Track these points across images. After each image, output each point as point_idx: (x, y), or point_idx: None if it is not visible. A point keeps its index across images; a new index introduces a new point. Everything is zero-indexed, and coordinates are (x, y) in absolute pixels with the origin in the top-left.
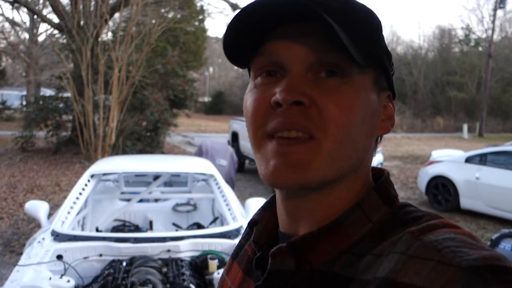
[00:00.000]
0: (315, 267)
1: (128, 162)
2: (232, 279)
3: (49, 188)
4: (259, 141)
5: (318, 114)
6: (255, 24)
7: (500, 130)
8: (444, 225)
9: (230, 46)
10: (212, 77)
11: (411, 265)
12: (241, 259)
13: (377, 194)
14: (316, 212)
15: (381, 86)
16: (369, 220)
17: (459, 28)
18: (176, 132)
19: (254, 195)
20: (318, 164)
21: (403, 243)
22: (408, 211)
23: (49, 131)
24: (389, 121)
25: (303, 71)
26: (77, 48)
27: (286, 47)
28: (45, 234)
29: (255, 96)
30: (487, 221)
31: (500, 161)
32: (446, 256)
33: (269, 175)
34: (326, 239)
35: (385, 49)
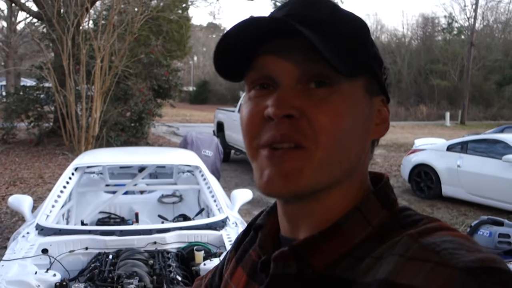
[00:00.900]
0: (317, 270)
1: (113, 155)
2: (237, 283)
3: (32, 180)
4: (254, 151)
5: (308, 125)
6: (243, 42)
7: (482, 118)
8: (442, 228)
9: (221, 64)
10: (197, 66)
11: (409, 266)
12: (245, 263)
13: (376, 198)
14: (314, 216)
15: (373, 92)
16: (369, 223)
17: (442, 17)
18: (160, 122)
19: (240, 185)
20: (309, 172)
21: (402, 245)
22: (407, 214)
23: (31, 122)
24: (383, 124)
25: (292, 83)
26: (58, 37)
27: (275, 61)
28: (30, 228)
29: (249, 109)
30: (468, 208)
31: (480, 149)
32: (443, 257)
33: (263, 185)
34: (327, 242)
35: (374, 55)
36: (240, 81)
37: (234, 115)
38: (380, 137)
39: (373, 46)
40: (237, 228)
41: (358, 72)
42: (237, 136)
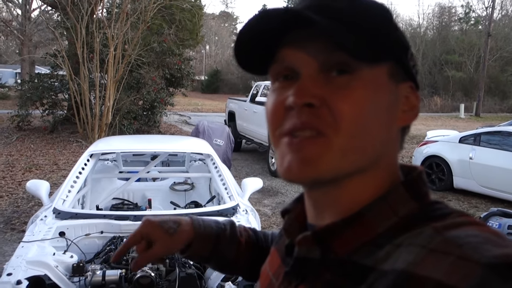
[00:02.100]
0: (338, 256)
1: (127, 142)
2: (271, 265)
3: (47, 167)
4: (277, 140)
5: (329, 112)
6: (262, 35)
7: (498, 110)
8: (470, 223)
9: (243, 58)
10: (209, 55)
11: (430, 258)
12: (279, 247)
13: (405, 189)
14: (337, 203)
15: (399, 78)
16: (395, 213)
17: (459, 6)
18: (172, 111)
19: (250, 174)
20: (330, 158)
21: (425, 237)
22: (437, 208)
23: (45, 110)
24: (411, 111)
25: (313, 73)
26: (72, 25)
27: (295, 52)
28: (47, 212)
29: (273, 100)
30: (479, 200)
31: (493, 141)
32: (466, 252)
33: (283, 171)
34: (350, 229)
35: (397, 40)
36: (265, 74)
37: (246, 104)
38: (408, 124)
39: (397, 31)
40: (247, 216)
41: (380, 58)
42: (248, 126)
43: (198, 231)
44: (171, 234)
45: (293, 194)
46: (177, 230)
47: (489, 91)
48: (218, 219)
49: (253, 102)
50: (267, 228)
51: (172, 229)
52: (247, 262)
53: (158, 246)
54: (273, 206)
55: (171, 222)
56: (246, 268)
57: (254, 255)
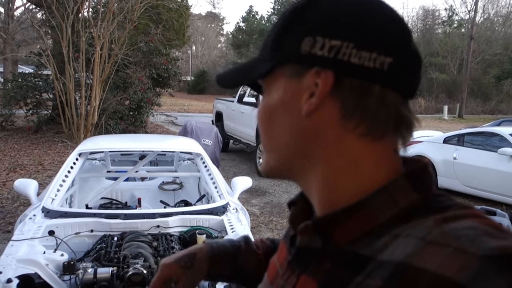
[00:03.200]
0: (338, 245)
1: (115, 141)
2: (279, 256)
3: (32, 167)
4: None
5: None
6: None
7: (480, 112)
8: (470, 215)
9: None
10: (195, 56)
11: (427, 250)
12: (286, 239)
13: (407, 181)
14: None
15: (301, 71)
16: (395, 204)
17: (443, 9)
18: (159, 111)
19: (238, 174)
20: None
21: (424, 228)
22: (440, 200)
23: (29, 110)
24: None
25: None
26: (57, 24)
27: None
28: (36, 211)
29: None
30: (463, 200)
31: (476, 141)
32: (463, 243)
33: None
34: (350, 219)
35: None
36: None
37: (233, 105)
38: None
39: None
40: (237, 214)
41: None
42: (235, 126)
43: (213, 255)
44: (189, 268)
45: (281, 194)
46: (194, 262)
47: (472, 93)
48: (232, 238)
49: (240, 103)
50: (255, 227)
51: (189, 263)
52: None
53: (181, 284)
54: (261, 205)
55: (186, 257)
56: None
57: None
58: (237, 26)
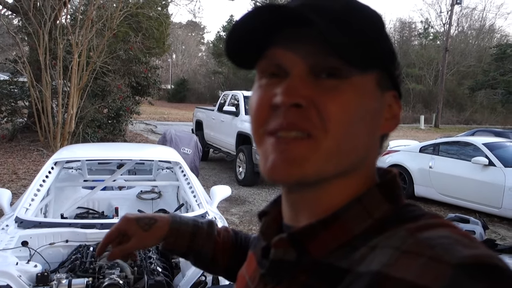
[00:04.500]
0: (314, 258)
1: (92, 150)
2: (248, 268)
3: (5, 176)
4: (261, 138)
5: (317, 114)
6: (256, 30)
7: (455, 122)
8: (442, 224)
9: (233, 51)
10: (175, 64)
11: (403, 260)
12: (257, 251)
13: (380, 192)
14: (315, 205)
15: (385, 86)
16: (370, 215)
17: (419, 22)
18: (138, 120)
19: (218, 183)
20: (315, 160)
21: (398, 238)
22: (410, 210)
23: (4, 118)
24: (393, 120)
25: (303, 74)
26: (34, 31)
27: (286, 51)
28: (9, 221)
29: (258, 96)
30: (438, 208)
31: (451, 151)
32: (438, 252)
33: (267, 171)
34: (326, 231)
35: (388, 49)
36: (251, 69)
37: (213, 114)
38: (389, 132)
39: (387, 40)
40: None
41: (371, 66)
42: (215, 135)
43: (174, 227)
44: (145, 230)
45: (261, 203)
46: (152, 226)
47: (447, 104)
48: (197, 218)
49: (220, 112)
50: None
51: (147, 225)
52: (226, 262)
53: (133, 241)
54: (241, 214)
55: (147, 219)
56: (226, 268)
57: (234, 256)
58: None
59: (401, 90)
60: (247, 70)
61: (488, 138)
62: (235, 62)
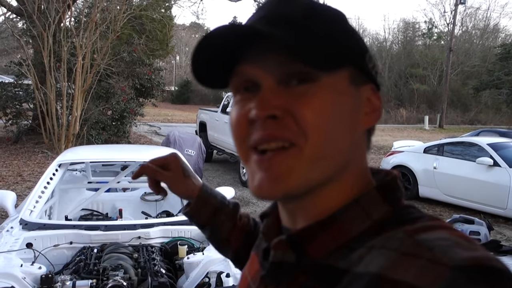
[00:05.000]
0: (314, 259)
1: (96, 152)
2: (250, 269)
3: (11, 178)
4: (245, 154)
5: (293, 121)
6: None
7: (460, 122)
8: (440, 226)
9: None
10: (179, 66)
11: (402, 262)
12: (259, 251)
13: (378, 193)
14: (311, 210)
15: (359, 81)
16: (369, 217)
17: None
18: (142, 121)
19: (221, 184)
20: (300, 170)
21: (396, 240)
22: (409, 212)
23: (9, 120)
24: (374, 113)
25: (273, 84)
26: (38, 34)
27: (254, 65)
28: (13, 223)
29: (236, 113)
30: (443, 208)
31: (456, 151)
32: (436, 254)
33: (254, 190)
34: (324, 233)
35: (355, 44)
36: (224, 88)
37: (217, 115)
38: (372, 126)
39: (354, 36)
40: None
41: (338, 65)
42: (219, 136)
43: (202, 195)
44: (184, 176)
45: (264, 204)
46: (189, 178)
47: (452, 104)
48: (225, 196)
49: (224, 113)
50: None
51: (187, 173)
52: (238, 246)
53: (169, 174)
54: None
55: (189, 171)
56: (236, 251)
57: (247, 242)
58: None
59: (377, 82)
60: (218, 89)
61: (492, 139)
62: (207, 85)
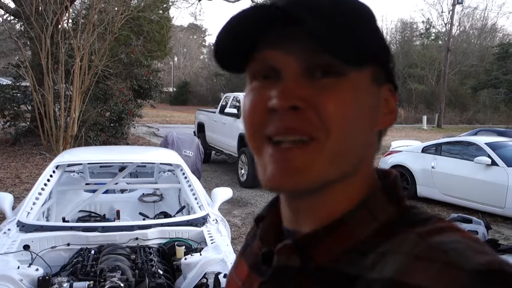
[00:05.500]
0: (319, 264)
1: (94, 153)
2: (239, 274)
3: (8, 180)
4: (258, 144)
5: (315, 115)
6: (245, 32)
7: (458, 121)
8: (451, 228)
9: (222, 55)
10: (177, 67)
11: (416, 265)
12: (247, 255)
13: (384, 194)
14: (319, 210)
15: (380, 81)
16: (375, 219)
17: (420, 22)
18: (140, 123)
19: (220, 185)
20: (319, 165)
21: (409, 243)
22: (416, 212)
23: (7, 122)
24: (390, 115)
25: (297, 74)
26: (36, 35)
27: (278, 51)
28: (11, 225)
29: (252, 100)
30: (441, 208)
31: (453, 151)
32: (451, 258)
33: (266, 181)
34: (331, 237)
35: (381, 42)
36: (241, 73)
37: (215, 116)
38: (387, 127)
39: (379, 33)
40: (217, 225)
41: (366, 61)
42: (217, 137)
43: None
44: None
45: (263, 205)
46: None
47: (450, 104)
48: None
49: (222, 114)
50: (237, 238)
51: None
52: None
53: None
54: (243, 216)
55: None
56: None
57: None
58: None
59: (396, 83)
60: (236, 74)
61: (490, 138)
62: (225, 67)
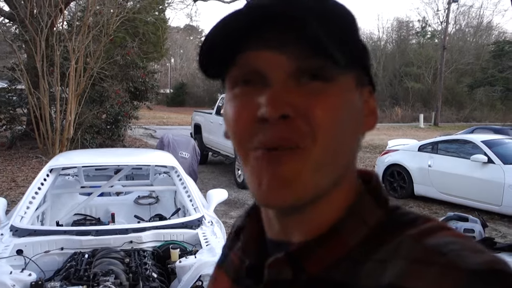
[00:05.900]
0: (312, 275)
1: (88, 156)
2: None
3: (4, 184)
4: (246, 154)
5: (304, 122)
6: (232, 34)
7: (455, 120)
8: (441, 227)
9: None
10: (174, 68)
11: (414, 269)
12: (228, 268)
13: (372, 197)
14: (310, 220)
15: (362, 83)
16: (366, 224)
17: (416, 21)
18: (137, 124)
19: (217, 186)
20: (308, 175)
21: (404, 247)
22: (402, 213)
23: (2, 125)
24: (372, 116)
25: (284, 78)
26: (31, 38)
27: (265, 55)
28: (4, 229)
29: (235, 108)
30: (438, 206)
31: (450, 149)
32: (451, 259)
33: (261, 197)
34: (323, 247)
35: (363, 45)
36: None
37: (212, 117)
38: (371, 130)
39: (359, 35)
40: (212, 227)
41: (353, 64)
42: (214, 138)
43: None
44: None
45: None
46: None
47: (446, 102)
48: None
49: (218, 115)
50: None
51: None
52: None
53: None
54: None
55: None
56: None
57: None
58: None
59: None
60: (213, 79)
61: (486, 136)
62: (207, 74)
